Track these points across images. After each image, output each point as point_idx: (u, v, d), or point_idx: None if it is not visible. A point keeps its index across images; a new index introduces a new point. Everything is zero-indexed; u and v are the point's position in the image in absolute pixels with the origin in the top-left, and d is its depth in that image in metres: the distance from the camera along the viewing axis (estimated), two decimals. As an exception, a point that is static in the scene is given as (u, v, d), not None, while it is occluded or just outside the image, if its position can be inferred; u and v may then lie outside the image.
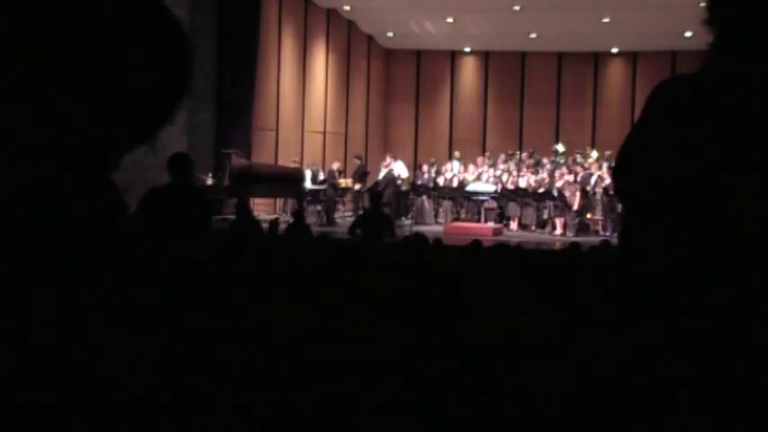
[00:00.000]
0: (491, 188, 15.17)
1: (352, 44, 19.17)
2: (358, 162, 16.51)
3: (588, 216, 13.95)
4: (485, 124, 19.74)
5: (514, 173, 15.51)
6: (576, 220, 14.03)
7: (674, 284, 1.61)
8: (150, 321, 1.15)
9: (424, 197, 15.72)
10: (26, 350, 0.86)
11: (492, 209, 14.96)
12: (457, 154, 17.14)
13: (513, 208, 14.98)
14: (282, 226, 10.43)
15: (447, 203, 15.58)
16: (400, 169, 16.34)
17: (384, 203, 12.27)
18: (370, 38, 19.63)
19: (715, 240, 1.57)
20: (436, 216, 15.62)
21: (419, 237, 7.83)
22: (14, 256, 0.87)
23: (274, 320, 3.49)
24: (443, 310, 3.74)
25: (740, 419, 1.50)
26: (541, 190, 14.59)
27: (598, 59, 19.06)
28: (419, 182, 16.18)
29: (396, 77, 20.36)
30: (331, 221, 14.83)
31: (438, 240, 8.90)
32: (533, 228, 14.66)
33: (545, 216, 14.63)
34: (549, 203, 14.41)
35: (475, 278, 4.70)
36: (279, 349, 3.24)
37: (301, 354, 3.27)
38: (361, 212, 13.64)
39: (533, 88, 19.32)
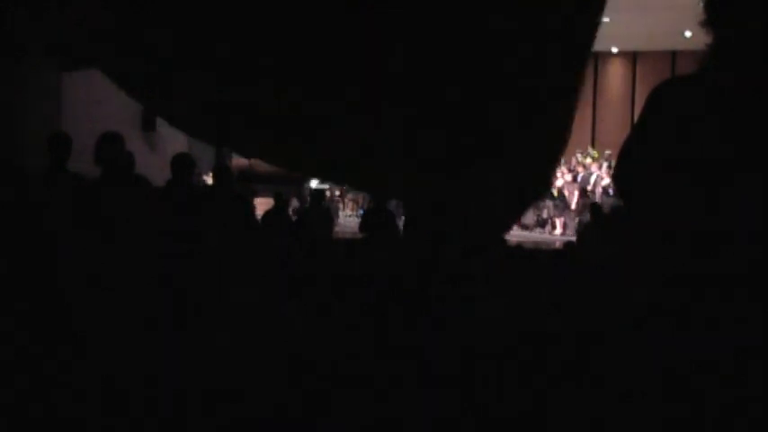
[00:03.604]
0: (491, 188, 15.13)
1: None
2: None
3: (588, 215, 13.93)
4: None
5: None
6: (576, 220, 14.01)
7: (673, 284, 1.61)
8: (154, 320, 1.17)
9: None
10: None
11: (492, 208, 14.93)
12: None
13: (513, 208, 14.95)
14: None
15: (447, 203, 15.54)
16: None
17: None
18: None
19: (715, 239, 1.57)
20: (436, 216, 15.56)
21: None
22: None
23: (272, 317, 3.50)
24: (444, 309, 3.75)
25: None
26: (541, 189, 14.56)
27: (598, 59, 19.01)
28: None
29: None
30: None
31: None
32: (533, 227, 14.65)
33: (545, 216, 14.61)
34: (549, 203, 14.39)
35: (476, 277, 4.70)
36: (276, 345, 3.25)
37: (300, 353, 3.27)
38: (363, 211, 13.63)
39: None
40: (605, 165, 14.68)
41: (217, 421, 2.89)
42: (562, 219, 14.24)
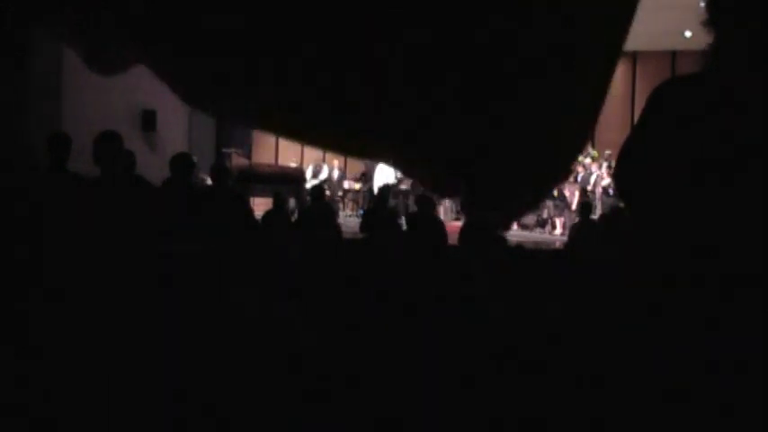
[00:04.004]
0: (491, 188, 15.12)
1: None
2: (369, 162, 16.46)
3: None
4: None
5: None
6: (577, 220, 14.02)
7: (673, 284, 1.61)
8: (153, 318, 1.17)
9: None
10: None
11: (492, 208, 14.93)
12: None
13: (512, 208, 14.94)
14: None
15: (447, 203, 15.55)
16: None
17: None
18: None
19: (715, 239, 1.57)
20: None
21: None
22: None
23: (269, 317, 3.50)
24: (444, 309, 3.75)
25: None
26: (541, 189, 14.56)
27: (598, 59, 19.00)
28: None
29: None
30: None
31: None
32: (533, 227, 14.66)
33: (545, 216, 14.62)
34: (549, 203, 14.40)
35: (477, 277, 4.71)
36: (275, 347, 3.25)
37: (300, 353, 3.27)
38: (363, 211, 13.65)
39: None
40: (605, 165, 14.68)
41: (217, 421, 2.89)
42: (562, 219, 14.24)
